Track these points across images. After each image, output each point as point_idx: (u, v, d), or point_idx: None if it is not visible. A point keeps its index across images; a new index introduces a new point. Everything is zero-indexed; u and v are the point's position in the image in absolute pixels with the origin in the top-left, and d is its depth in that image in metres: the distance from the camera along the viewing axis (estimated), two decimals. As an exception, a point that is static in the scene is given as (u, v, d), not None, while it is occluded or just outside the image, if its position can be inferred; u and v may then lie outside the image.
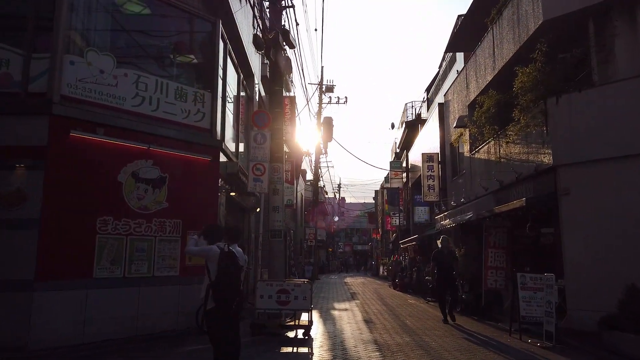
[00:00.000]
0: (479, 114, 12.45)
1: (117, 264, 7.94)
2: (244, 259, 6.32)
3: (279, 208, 9.81)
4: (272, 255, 9.76)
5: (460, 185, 15.49)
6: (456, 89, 16.47)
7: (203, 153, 9.33)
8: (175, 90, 9.13)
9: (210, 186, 9.45)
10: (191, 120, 9.34)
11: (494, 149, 12.61)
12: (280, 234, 9.77)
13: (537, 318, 8.78)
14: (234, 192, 10.37)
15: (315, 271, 31.14)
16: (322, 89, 31.59)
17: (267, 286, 8.74)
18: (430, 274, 17.37)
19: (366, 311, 12.85)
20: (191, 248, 5.60)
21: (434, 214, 22.70)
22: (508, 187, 11.63)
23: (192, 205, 9.04)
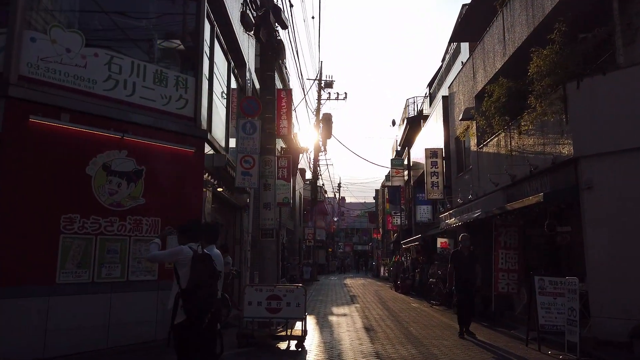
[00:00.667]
0: (487, 104, 11.54)
1: (84, 268, 7.02)
2: (227, 262, 5.41)
3: (271, 205, 8.90)
4: (262, 256, 8.85)
5: (467, 182, 14.57)
6: (462, 80, 15.55)
7: (186, 144, 8.41)
8: (154, 73, 8.21)
9: (194, 181, 8.53)
10: (172, 107, 8.42)
11: (505, 142, 11.69)
12: (272, 233, 8.85)
13: (558, 327, 7.87)
14: (221, 187, 9.45)
15: (314, 272, 30.23)
16: (321, 85, 30.67)
17: (255, 291, 7.82)
18: (433, 275, 16.48)
19: (367, 317, 11.93)
20: (155, 253, 4.65)
21: (437, 212, 21.82)
22: (521, 182, 10.71)
23: (173, 202, 8.12)
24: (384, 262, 35.87)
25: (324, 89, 30.92)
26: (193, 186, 8.51)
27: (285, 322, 7.80)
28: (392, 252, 33.88)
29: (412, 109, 28.83)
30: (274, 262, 8.81)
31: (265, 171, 8.94)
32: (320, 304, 15.08)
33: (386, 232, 38.48)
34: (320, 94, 30.74)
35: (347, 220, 68.87)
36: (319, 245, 41.68)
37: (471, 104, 14.16)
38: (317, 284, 27.41)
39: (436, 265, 16.81)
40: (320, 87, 30.75)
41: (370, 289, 23.16)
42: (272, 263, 8.73)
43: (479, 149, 13.65)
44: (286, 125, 17.37)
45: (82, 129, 7.15)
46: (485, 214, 11.58)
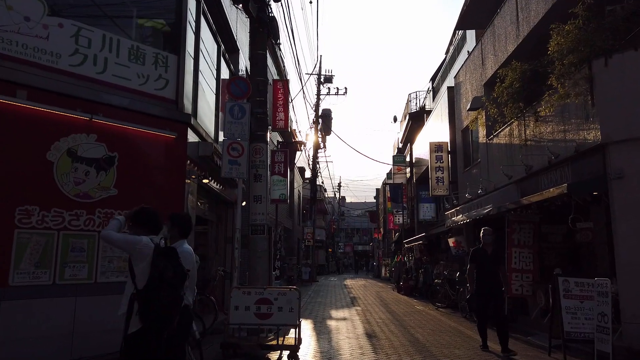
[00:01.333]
0: (499, 90, 10.62)
1: (44, 268, 6.09)
2: (195, 260, 4.49)
3: (262, 198, 7.98)
4: (252, 255, 7.93)
5: (475, 176, 13.65)
6: (469, 68, 14.63)
7: (166, 128, 7.49)
8: (130, 49, 7.30)
9: (175, 170, 7.61)
10: (150, 87, 7.50)
11: (518, 131, 10.77)
12: (263, 229, 7.94)
13: (586, 334, 6.94)
14: (207, 179, 8.54)
15: (313, 273, 29.30)
16: (320, 80, 29.77)
17: (243, 294, 6.89)
18: (439, 276, 15.55)
19: (368, 321, 11.00)
20: (110, 233, 3.70)
21: (440, 211, 20.92)
22: (537, 173, 9.80)
23: (151, 193, 7.20)
24: (385, 262, 34.91)
25: (323, 84, 30.03)
26: (174, 176, 7.59)
27: (276, 330, 6.87)
28: (393, 252, 32.93)
29: (415, 104, 27.91)
30: (265, 262, 7.89)
31: (256, 160, 8.02)
32: (318, 307, 14.16)
33: (387, 232, 37.54)
34: (319, 89, 29.85)
35: (347, 220, 67.93)
36: (319, 245, 40.75)
37: (480, 92, 13.24)
38: (316, 284, 26.48)
39: (442, 265, 15.90)
40: (320, 82, 29.86)
41: (372, 290, 22.24)
42: (263, 262, 7.82)
43: (488, 141, 12.73)
44: (283, 117, 16.50)
45: (43, 109, 6.22)
46: (497, 210, 10.66)
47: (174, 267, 3.67)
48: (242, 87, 7.94)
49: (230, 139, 7.75)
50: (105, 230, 3.73)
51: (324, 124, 28.30)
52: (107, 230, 3.71)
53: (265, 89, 8.36)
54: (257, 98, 8.21)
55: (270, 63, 19.43)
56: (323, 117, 28.33)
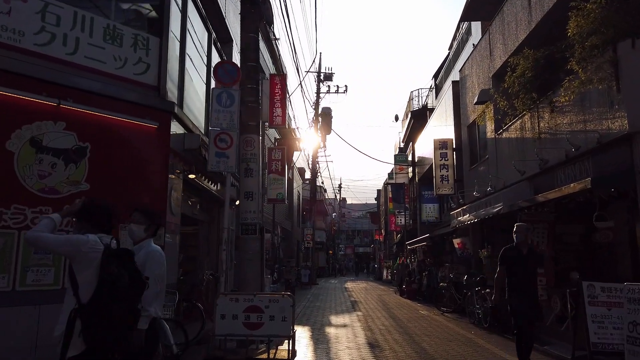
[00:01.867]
0: (510, 80, 9.90)
1: (2, 272, 5.36)
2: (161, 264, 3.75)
3: (254, 195, 7.25)
4: (242, 257, 7.20)
5: (482, 174, 12.91)
6: (475, 61, 13.90)
7: (146, 117, 6.76)
8: (105, 29, 6.58)
9: (157, 163, 6.88)
10: (128, 71, 6.78)
11: (531, 123, 10.03)
12: (254, 229, 7.21)
13: (615, 346, 6.20)
14: (194, 174, 7.81)
15: (313, 275, 28.54)
16: (320, 77, 29.05)
17: (230, 302, 6.17)
18: (444, 279, 14.80)
19: (370, 328, 10.25)
20: (40, 235, 2.92)
21: (444, 211, 20.19)
22: (552, 169, 9.06)
23: (127, 189, 6.47)
24: (387, 264, 34.15)
25: (323, 81, 29.30)
26: (156, 170, 6.87)
27: (267, 341, 6.14)
28: (395, 254, 32.18)
29: (417, 102, 27.18)
30: (257, 265, 7.16)
31: (247, 154, 7.29)
32: (317, 312, 13.41)
33: (389, 233, 36.78)
34: (319, 87, 29.13)
35: (348, 222, 67.18)
36: (319, 247, 40.02)
37: (488, 85, 12.51)
38: (315, 288, 25.72)
39: (447, 268, 15.14)
40: (319, 80, 29.13)
41: (373, 294, 21.47)
42: (254, 265, 7.09)
43: (497, 135, 11.99)
44: (280, 114, 15.73)
45: (2, 92, 5.51)
46: (508, 208, 9.91)
47: (130, 274, 2.94)
48: (230, 73, 7.21)
49: (218, 129, 7.02)
50: (33, 231, 2.97)
51: (323, 122, 27.56)
52: (35, 231, 2.94)
53: (257, 75, 7.65)
54: (248, 85, 7.49)
55: (267, 58, 18.74)
56: (323, 116, 27.59)
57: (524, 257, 6.15)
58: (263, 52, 17.72)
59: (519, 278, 6.08)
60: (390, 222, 32.62)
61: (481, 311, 10.59)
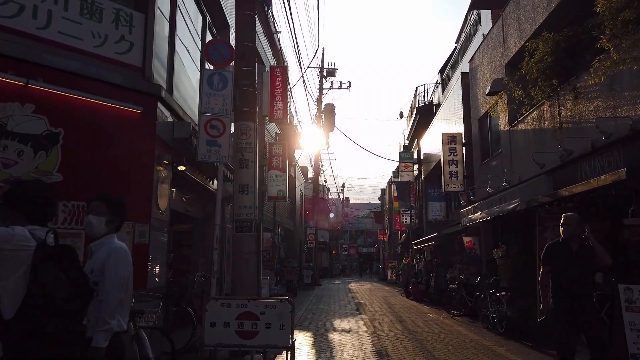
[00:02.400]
0: (528, 67, 9.18)
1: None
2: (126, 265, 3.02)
3: (249, 188, 6.54)
4: (236, 257, 6.51)
5: (495, 169, 12.17)
6: (487, 50, 13.17)
7: (128, 101, 6.08)
8: (82, 2, 5.89)
9: (141, 153, 6.20)
10: (109, 50, 6.10)
11: (550, 113, 9.30)
12: (250, 226, 6.50)
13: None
14: (183, 165, 7.11)
15: (316, 276, 27.83)
16: (323, 73, 28.37)
17: (221, 307, 5.45)
18: (454, 280, 14.06)
19: (377, 333, 9.53)
20: None
21: (451, 210, 19.45)
22: (575, 161, 8.32)
23: (107, 181, 5.79)
24: (391, 264, 33.40)
25: (326, 77, 28.62)
26: (139, 160, 6.18)
27: (263, 352, 5.43)
28: (399, 254, 31.44)
29: (422, 98, 26.43)
30: (253, 266, 6.45)
31: (242, 143, 6.59)
32: (320, 315, 12.70)
33: (393, 233, 36.03)
34: (322, 82, 28.46)
35: (351, 222, 66.44)
36: (322, 247, 39.30)
37: (501, 74, 11.77)
38: (318, 289, 25.01)
39: (457, 269, 14.41)
40: (322, 76, 28.44)
41: (378, 295, 20.74)
42: (249, 267, 6.38)
43: (511, 128, 11.25)
44: (281, 107, 15.00)
45: (-42, 68, 4.83)
46: (525, 205, 9.18)
47: (72, 281, 2.24)
48: (223, 52, 6.50)
49: (209, 115, 6.32)
50: None
51: (326, 119, 26.87)
52: None
53: (253, 57, 6.94)
54: (243, 67, 6.78)
55: (268, 52, 18.05)
56: (326, 112, 26.90)
57: (575, 255, 4.93)
58: (263, 45, 17.03)
59: (569, 281, 4.84)
60: (394, 221, 31.87)
61: (496, 315, 9.86)
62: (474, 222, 12.35)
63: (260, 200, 15.35)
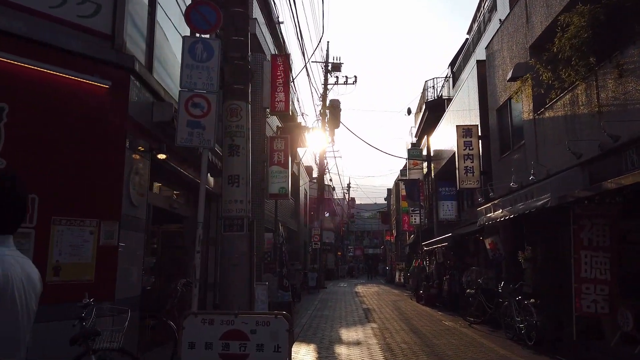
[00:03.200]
0: (560, 43, 8.10)
1: None
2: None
3: (240, 179, 5.50)
4: (224, 262, 5.45)
5: (517, 163, 11.06)
6: (507, 33, 12.07)
7: (94, 74, 5.06)
8: (36, -48, 4.86)
9: (109, 136, 5.17)
10: (69, 12, 5.07)
11: (586, 96, 8.20)
12: (241, 224, 5.45)
13: None
14: (164, 153, 6.08)
15: (321, 279, 26.74)
16: (328, 67, 27.31)
17: (202, 324, 4.41)
18: (471, 284, 12.96)
19: (389, 346, 8.45)
20: None
21: (464, 209, 18.34)
22: (619, 149, 7.21)
23: (64, 169, 4.77)
24: (399, 266, 32.24)
25: (331, 72, 27.55)
26: (106, 145, 5.15)
27: (254, 380, 4.37)
28: (407, 256, 30.31)
29: (432, 92, 25.32)
30: (245, 272, 5.40)
31: (232, 125, 5.55)
32: (325, 323, 11.63)
33: (401, 234, 34.88)
34: (326, 77, 27.40)
35: (357, 222, 65.29)
36: (327, 249, 38.20)
37: (524, 58, 10.68)
38: (324, 292, 23.94)
39: (474, 272, 13.30)
40: (327, 70, 27.38)
41: (387, 300, 19.63)
42: (240, 273, 5.33)
43: (537, 116, 10.15)
44: (283, 98, 14.01)
45: None
46: (557, 200, 8.08)
47: None
48: (208, 16, 5.45)
49: (190, 91, 5.27)
50: None
51: (332, 115, 25.78)
52: None
53: (245, 25, 5.88)
54: (233, 37, 5.73)
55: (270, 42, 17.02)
56: (331, 109, 25.83)
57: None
58: (265, 35, 16.01)
59: None
60: (403, 221, 30.73)
61: (524, 326, 8.76)
62: (493, 221, 11.24)
63: (261, 198, 14.39)
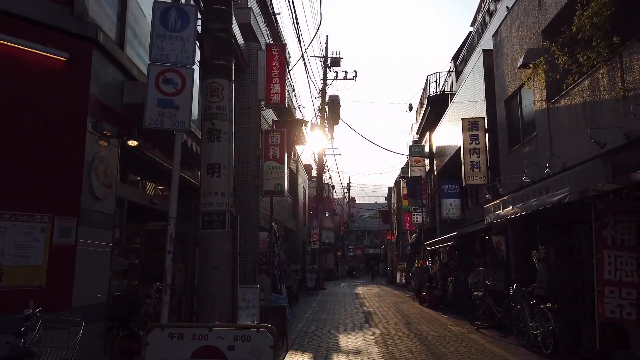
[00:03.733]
0: (580, 22, 7.34)
1: None
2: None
3: (222, 169, 4.76)
4: (202, 264, 4.71)
5: (529, 156, 10.30)
6: (516, 18, 11.34)
7: (47, 43, 4.32)
8: None
9: (65, 116, 4.43)
10: (17, -30, 4.32)
11: (609, 80, 7.46)
12: (223, 220, 4.70)
13: None
14: (135, 139, 5.33)
15: (320, 279, 26.00)
16: (327, 62, 26.57)
17: (170, 340, 3.67)
18: (478, 286, 12.22)
19: (392, 356, 7.70)
20: None
21: (468, 206, 17.61)
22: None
23: (14, 155, 4.03)
24: (400, 266, 31.49)
25: (330, 67, 26.80)
26: (61, 127, 4.41)
27: (232, 407, 3.63)
28: (408, 256, 29.55)
29: (434, 88, 24.57)
30: (227, 275, 4.65)
31: (212, 107, 4.80)
32: (323, 328, 10.89)
33: (402, 233, 34.11)
34: (325, 72, 26.65)
35: (357, 222, 64.57)
36: (327, 249, 37.47)
37: (536, 43, 9.94)
38: (323, 293, 23.19)
39: (481, 273, 12.56)
40: (326, 65, 26.64)
41: (388, 302, 18.88)
42: (220, 277, 4.58)
43: (550, 105, 9.41)
44: (279, 90, 13.34)
45: None
46: (577, 195, 7.33)
47: None
48: (182, -22, 4.71)
49: (161, 65, 4.53)
50: None
51: (331, 111, 25.05)
52: None
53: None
54: (214, 5, 4.97)
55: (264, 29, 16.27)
56: (330, 104, 25.09)
57: None
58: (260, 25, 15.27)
59: None
60: (404, 220, 29.98)
61: (539, 332, 8.02)
62: (503, 219, 10.49)
63: (256, 195, 13.64)
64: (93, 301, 4.65)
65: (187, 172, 7.84)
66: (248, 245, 12.01)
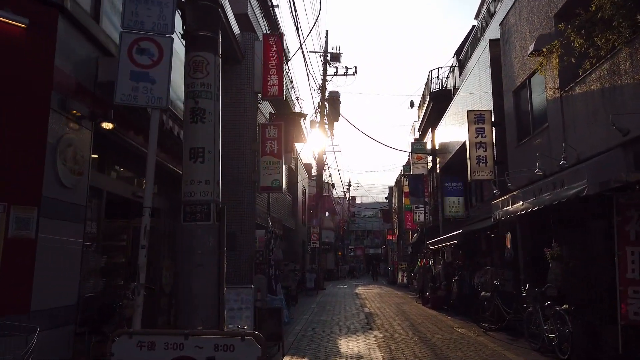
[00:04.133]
0: (600, 1, 6.77)
1: None
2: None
3: (206, 153, 4.20)
4: (183, 261, 4.15)
5: (538, 149, 9.72)
6: (526, 3, 10.78)
7: (4, 7, 3.76)
8: None
9: (25, 92, 3.87)
10: None
11: (631, 63, 6.91)
12: (207, 212, 4.14)
13: None
14: (110, 122, 4.77)
15: (320, 279, 25.44)
16: (327, 58, 26.03)
17: (138, 349, 3.10)
18: (485, 286, 11.66)
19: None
20: None
21: (472, 204, 17.05)
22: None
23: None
24: (401, 266, 30.92)
25: (330, 63, 26.25)
26: (21, 103, 3.84)
27: None
28: (410, 255, 28.98)
29: (437, 83, 23.98)
30: (212, 274, 4.09)
31: (196, 83, 4.25)
32: (322, 331, 10.32)
33: (403, 233, 33.53)
34: (325, 68, 26.11)
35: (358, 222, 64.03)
36: (327, 249, 36.91)
37: (548, 29, 9.38)
38: (322, 294, 22.62)
39: (488, 273, 11.99)
40: (326, 61, 26.09)
41: (390, 302, 18.31)
42: (204, 277, 4.02)
43: (563, 93, 8.85)
44: (276, 82, 12.80)
45: None
46: (597, 187, 6.78)
47: None
48: None
49: (136, 34, 3.96)
50: None
51: (331, 108, 24.52)
52: None
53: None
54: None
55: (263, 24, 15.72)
56: (330, 101, 24.56)
57: None
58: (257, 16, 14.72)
59: None
60: (405, 219, 29.41)
61: (555, 336, 7.45)
62: (512, 215, 9.93)
63: (252, 191, 13.07)
64: (58, 303, 4.09)
65: (173, 162, 7.28)
66: (244, 243, 11.48)
